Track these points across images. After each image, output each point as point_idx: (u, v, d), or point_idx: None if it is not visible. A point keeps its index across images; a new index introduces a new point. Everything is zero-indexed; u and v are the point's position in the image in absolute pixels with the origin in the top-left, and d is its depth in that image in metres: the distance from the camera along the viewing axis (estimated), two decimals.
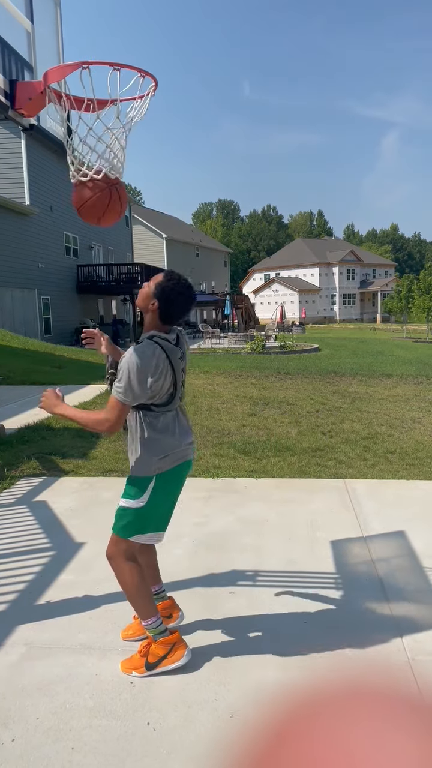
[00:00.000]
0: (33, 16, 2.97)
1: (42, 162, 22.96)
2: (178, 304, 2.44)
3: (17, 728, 2.22)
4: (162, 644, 2.55)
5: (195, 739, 2.16)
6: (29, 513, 4.57)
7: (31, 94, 2.72)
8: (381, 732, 0.61)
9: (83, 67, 2.31)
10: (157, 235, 44.55)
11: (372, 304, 62.79)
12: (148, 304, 2.45)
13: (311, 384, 11.53)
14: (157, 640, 2.56)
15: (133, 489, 2.53)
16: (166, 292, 2.42)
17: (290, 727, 0.61)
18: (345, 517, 4.44)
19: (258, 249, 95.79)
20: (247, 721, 2.21)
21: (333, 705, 0.63)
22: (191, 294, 2.47)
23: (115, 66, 2.29)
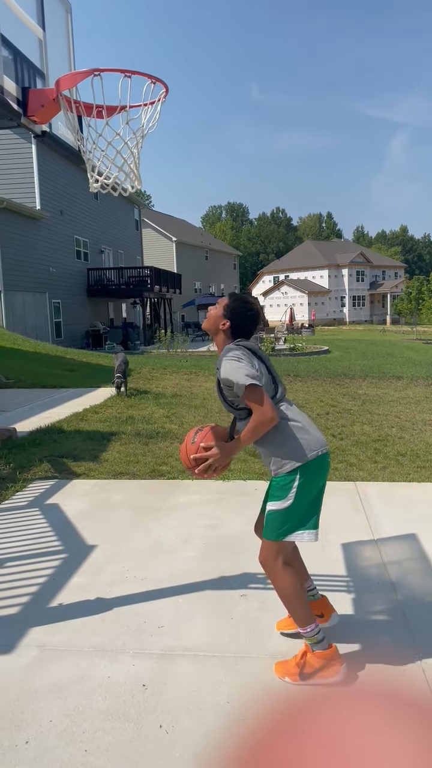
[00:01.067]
0: (45, 24, 3.00)
1: (52, 166, 23.10)
2: (249, 319, 2.61)
3: (31, 730, 2.24)
4: (319, 657, 2.51)
5: (207, 742, 2.16)
6: (41, 515, 4.59)
7: (43, 101, 2.75)
8: (394, 736, 0.61)
9: (95, 74, 2.33)
10: (166, 238, 44.67)
11: (382, 305, 62.57)
12: (218, 324, 2.61)
13: (321, 386, 11.51)
14: (315, 651, 2.52)
15: (277, 490, 2.54)
16: (236, 311, 2.59)
17: (302, 731, 0.61)
18: (356, 519, 4.43)
19: (267, 251, 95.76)
20: (259, 725, 2.21)
21: (345, 709, 0.64)
22: (258, 311, 2.64)
23: (127, 73, 2.31)
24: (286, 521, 2.53)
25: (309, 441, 2.55)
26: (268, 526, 2.57)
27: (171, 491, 5.15)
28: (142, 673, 2.59)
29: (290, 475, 2.51)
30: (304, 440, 2.53)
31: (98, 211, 28.74)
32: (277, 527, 2.54)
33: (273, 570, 2.57)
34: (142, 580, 3.49)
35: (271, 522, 2.56)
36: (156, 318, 32.29)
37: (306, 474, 2.52)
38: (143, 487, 5.31)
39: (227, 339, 2.62)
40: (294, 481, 2.51)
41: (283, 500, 2.52)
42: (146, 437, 7.04)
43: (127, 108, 2.46)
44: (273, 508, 2.55)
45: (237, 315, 2.60)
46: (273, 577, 2.59)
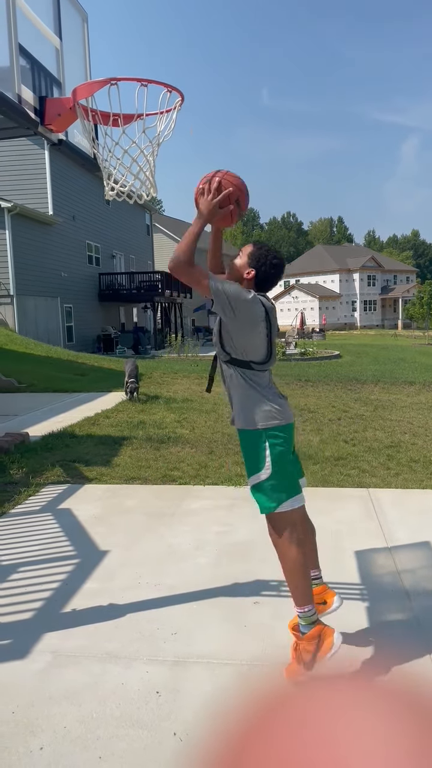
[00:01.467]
0: (62, 34, 3.03)
1: (65, 172, 23.27)
2: (275, 267, 2.56)
3: (45, 736, 2.24)
4: (308, 641, 2.49)
5: (222, 751, 2.15)
6: (54, 520, 4.61)
7: (60, 110, 2.77)
8: (410, 745, 0.61)
9: (111, 83, 2.35)
10: (177, 243, 44.75)
11: (393, 310, 62.32)
12: (243, 273, 2.56)
13: (332, 391, 11.47)
14: (303, 636, 2.50)
15: (251, 460, 2.55)
16: (262, 258, 2.54)
17: (319, 741, 0.61)
18: (369, 526, 4.40)
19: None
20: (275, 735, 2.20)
21: (360, 717, 0.64)
22: (283, 260, 2.62)
23: (143, 82, 2.33)
24: (271, 491, 2.53)
25: (273, 412, 2.55)
26: (258, 500, 2.57)
27: (183, 497, 5.15)
28: (156, 680, 2.59)
29: (258, 440, 2.53)
30: (271, 408, 2.55)
31: (110, 217, 28.89)
32: (267, 499, 2.54)
33: (281, 543, 2.55)
34: (155, 586, 3.49)
35: (259, 496, 2.57)
36: (167, 322, 32.36)
37: (270, 438, 2.53)
38: (155, 492, 5.32)
39: (252, 288, 2.57)
40: (265, 447, 2.52)
41: (260, 471, 2.54)
42: (157, 442, 7.05)
43: (143, 116, 2.48)
44: (255, 481, 2.56)
45: (262, 263, 2.55)
46: (280, 550, 2.57)
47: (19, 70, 2.62)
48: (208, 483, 5.53)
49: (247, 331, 2.51)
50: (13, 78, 2.58)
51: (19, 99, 2.64)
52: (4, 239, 19.66)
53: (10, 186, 21.62)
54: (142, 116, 2.45)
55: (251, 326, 2.50)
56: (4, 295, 19.84)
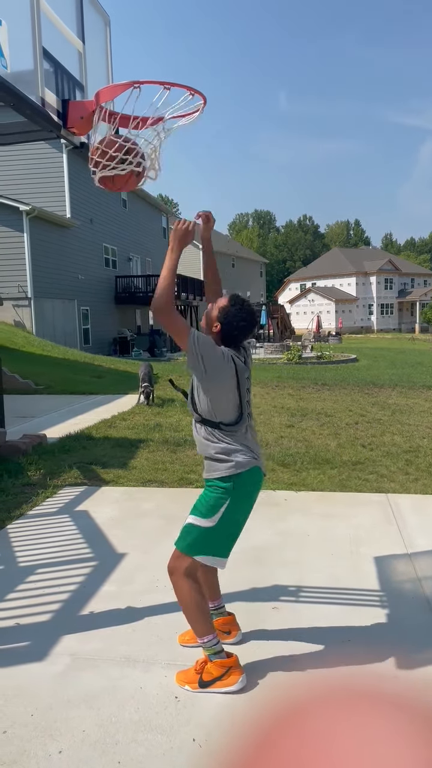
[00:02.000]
0: (84, 37, 3.04)
1: (82, 175, 23.41)
2: (239, 329, 2.52)
3: (64, 740, 2.24)
4: (217, 665, 2.52)
5: (242, 759, 2.13)
6: (71, 522, 4.62)
7: (82, 113, 2.78)
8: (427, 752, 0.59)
9: (134, 87, 2.35)
10: (193, 246, 44.82)
11: (410, 313, 61.84)
12: (211, 326, 2.55)
13: (349, 395, 11.40)
14: (213, 660, 2.53)
15: (205, 507, 2.51)
16: (229, 317, 2.49)
17: (340, 751, 0.59)
18: (388, 532, 4.36)
19: (294, 259, 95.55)
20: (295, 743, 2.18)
21: (380, 725, 0.62)
22: (253, 320, 2.55)
23: (166, 85, 2.32)
24: (204, 541, 2.51)
25: (244, 469, 2.51)
26: (183, 537, 2.55)
27: None
28: (175, 685, 2.57)
29: (222, 496, 2.48)
30: (239, 467, 2.50)
31: (127, 219, 29.03)
32: (193, 543, 2.52)
33: (178, 581, 2.56)
34: (172, 589, 3.46)
35: (186, 534, 2.54)
36: None
37: (233, 499, 2.49)
38: (172, 495, 5.31)
39: (218, 342, 2.53)
40: (224, 504, 2.48)
41: (207, 518, 2.49)
42: (174, 445, 7.05)
43: (165, 119, 2.48)
44: (194, 522, 2.52)
45: (228, 322, 2.50)
46: (175, 585, 2.58)
47: (42, 74, 2.63)
48: None
49: (216, 391, 2.48)
50: (37, 81, 2.59)
51: (42, 102, 2.65)
52: (22, 242, 19.83)
53: (29, 189, 21.81)
54: (164, 119, 2.45)
55: (220, 384, 2.47)
56: (22, 298, 20.00)
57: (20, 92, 2.46)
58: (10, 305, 19.99)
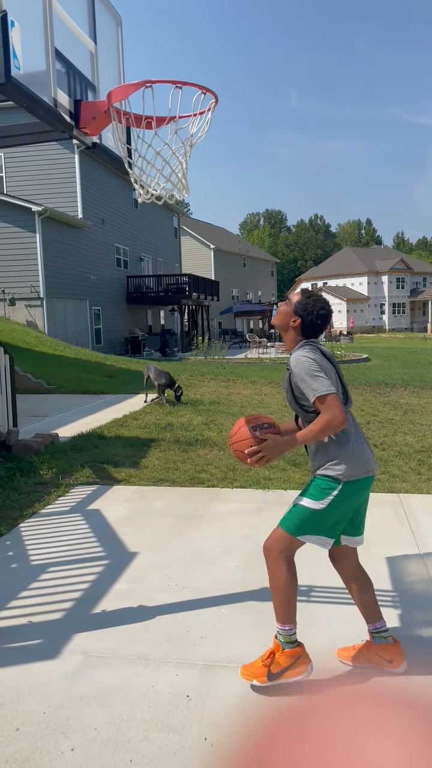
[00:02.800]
0: (96, 38, 3.05)
1: (94, 176, 23.52)
2: (321, 317, 2.58)
3: (76, 738, 2.25)
4: (287, 655, 2.54)
5: (254, 758, 2.13)
6: (83, 521, 4.64)
7: (94, 113, 2.79)
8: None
9: (146, 86, 2.35)
10: (204, 245, 44.89)
11: (423, 313, 61.46)
12: (288, 321, 2.59)
13: (361, 395, 11.35)
14: (285, 649, 2.55)
15: (317, 489, 2.51)
16: (309, 308, 2.56)
17: (352, 750, 0.59)
18: (400, 532, 4.33)
19: (305, 258, 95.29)
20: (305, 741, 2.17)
21: (394, 726, 0.61)
22: (330, 308, 2.63)
23: (178, 84, 2.33)
24: (310, 523, 2.51)
25: (361, 461, 2.54)
26: (290, 517, 2.54)
27: (210, 499, 5.14)
28: (186, 684, 2.57)
29: (333, 483, 2.49)
30: (357, 459, 2.53)
31: (138, 220, 29.10)
32: (298, 523, 2.51)
33: (276, 562, 2.55)
34: (184, 588, 3.48)
35: (294, 515, 2.53)
36: (194, 325, 32.44)
37: (347, 489, 2.51)
38: (183, 494, 5.31)
39: (297, 336, 2.60)
40: (335, 489, 2.49)
41: (317, 501, 2.50)
42: (185, 444, 7.06)
43: (177, 119, 2.48)
44: (304, 504, 2.52)
45: (308, 312, 2.57)
46: (273, 568, 2.57)
47: (55, 74, 2.64)
48: (236, 486, 5.52)
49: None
50: (50, 82, 2.60)
51: (55, 103, 2.66)
52: (34, 242, 19.95)
53: (41, 190, 21.94)
54: (175, 118, 2.46)
55: (329, 373, 2.50)
56: (34, 298, 20.11)
57: (33, 93, 2.48)
58: (23, 305, 20.12)
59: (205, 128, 2.59)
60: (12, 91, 2.36)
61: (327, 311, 2.60)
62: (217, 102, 2.54)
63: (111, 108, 2.58)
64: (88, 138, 3.00)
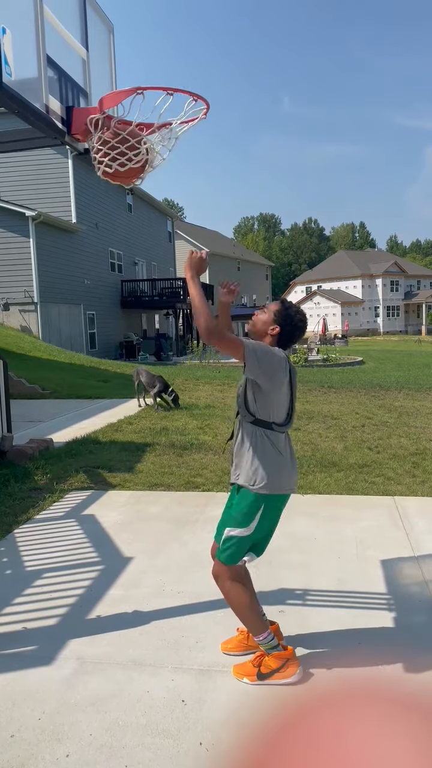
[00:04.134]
0: (88, 44, 3.06)
1: (88, 180, 23.53)
2: (298, 328, 2.65)
3: (71, 744, 2.24)
4: (276, 657, 2.61)
5: (249, 762, 2.13)
6: (78, 526, 4.63)
7: (86, 119, 2.80)
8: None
9: (138, 93, 2.36)
10: (198, 249, 44.92)
11: (417, 315, 61.68)
12: (267, 329, 2.64)
13: (356, 398, 11.38)
14: (270, 653, 2.61)
15: (241, 515, 2.59)
16: (287, 318, 2.62)
17: (341, 753, 0.60)
18: (395, 535, 4.34)
19: (299, 262, 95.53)
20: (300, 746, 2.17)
21: (389, 729, 0.62)
22: (306, 320, 2.70)
23: (169, 91, 2.34)
24: (243, 546, 2.62)
25: (283, 479, 2.61)
26: (226, 551, 2.63)
27: (206, 504, 5.14)
28: (181, 689, 2.57)
29: (256, 503, 2.57)
30: (281, 476, 2.60)
31: (132, 224, 29.12)
32: (235, 553, 2.62)
33: (226, 586, 2.65)
34: (179, 593, 3.48)
35: (229, 546, 2.62)
36: (188, 329, 32.46)
37: (269, 504, 2.60)
38: (178, 499, 5.31)
39: (273, 344, 2.64)
40: (258, 511, 2.58)
41: (244, 528, 2.59)
42: (180, 448, 7.06)
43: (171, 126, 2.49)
44: (234, 534, 2.60)
45: (287, 322, 2.62)
46: (225, 592, 2.67)
47: (47, 81, 2.65)
48: None
49: (274, 391, 2.56)
50: (42, 88, 2.61)
51: (46, 109, 2.67)
52: (28, 247, 19.94)
53: (34, 195, 21.94)
54: (168, 125, 2.47)
55: (279, 385, 2.56)
56: (28, 303, 20.09)
57: (25, 99, 2.48)
58: (17, 310, 20.09)
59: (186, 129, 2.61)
60: (3, 98, 2.37)
61: (305, 323, 2.68)
62: (209, 108, 2.56)
63: (103, 114, 2.59)
64: (80, 144, 3.01)
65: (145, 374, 10.08)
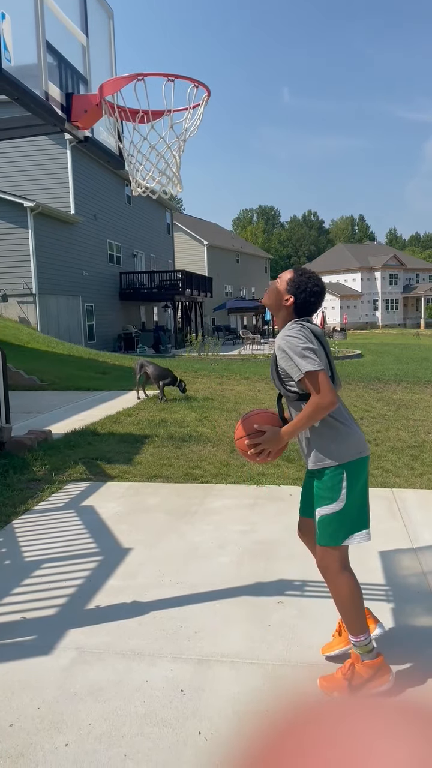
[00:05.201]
0: (88, 31, 3.03)
1: (87, 171, 23.42)
2: (315, 294, 2.47)
3: (70, 733, 2.25)
4: (368, 666, 2.42)
5: (247, 751, 2.13)
6: (77, 517, 4.63)
7: (86, 106, 2.77)
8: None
9: (138, 79, 2.34)
10: (197, 242, 44.83)
11: (416, 309, 61.66)
12: (281, 300, 2.48)
13: (354, 391, 11.38)
14: (364, 660, 2.44)
15: (326, 491, 2.43)
16: (302, 286, 2.45)
17: (348, 745, 0.59)
18: (394, 527, 4.35)
19: (298, 254, 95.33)
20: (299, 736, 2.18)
21: (385, 720, 0.62)
22: (323, 285, 2.52)
23: (170, 77, 2.31)
24: (343, 523, 2.44)
25: (355, 442, 2.47)
26: (324, 532, 2.45)
27: (204, 495, 5.14)
28: (180, 679, 2.58)
29: (336, 474, 2.41)
30: (351, 440, 2.45)
31: (131, 216, 29.01)
32: (335, 531, 2.43)
33: (336, 577, 2.46)
34: (177, 584, 3.48)
35: (326, 527, 2.44)
36: (187, 321, 32.41)
37: (351, 470, 2.44)
38: (177, 490, 5.31)
39: (290, 316, 2.50)
40: (342, 480, 2.41)
41: (335, 502, 2.42)
42: (179, 441, 7.05)
43: (171, 113, 2.47)
44: (326, 512, 2.43)
45: (302, 290, 2.45)
46: (334, 584, 2.47)
47: (46, 67, 2.62)
48: (230, 482, 5.52)
49: (322, 362, 2.41)
50: (41, 75, 2.58)
51: (46, 96, 2.64)
52: (26, 238, 19.86)
53: (33, 185, 21.84)
54: (168, 112, 2.44)
55: (322, 356, 2.43)
56: (26, 294, 20.03)
57: (24, 86, 2.45)
58: (15, 302, 20.03)
59: (197, 122, 2.58)
60: (2, 84, 2.33)
61: (321, 288, 2.49)
62: (210, 95, 2.53)
63: (103, 101, 2.57)
64: (80, 132, 2.98)
65: (153, 367, 10.07)
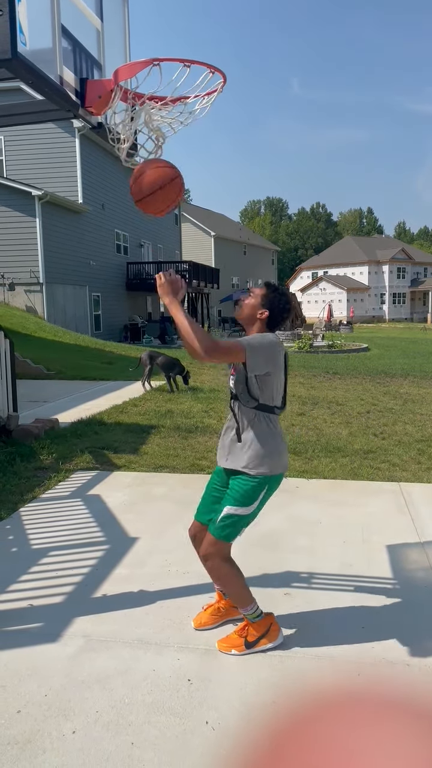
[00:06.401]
0: (102, 15, 2.99)
1: (95, 160, 23.32)
2: (286, 311, 2.68)
3: (78, 720, 2.25)
4: (259, 624, 2.70)
5: (254, 742, 2.14)
6: (84, 506, 4.64)
7: (100, 92, 2.74)
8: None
9: (154, 64, 2.31)
10: (205, 233, 44.68)
11: (423, 303, 61.34)
12: (255, 313, 2.66)
13: (361, 384, 11.34)
14: (254, 621, 2.70)
15: (244, 496, 2.63)
16: (275, 302, 2.65)
17: (354, 736, 0.58)
18: (401, 521, 4.34)
19: (306, 247, 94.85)
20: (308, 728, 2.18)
21: (392, 712, 0.61)
22: (293, 303, 2.73)
23: (186, 62, 2.28)
24: (241, 525, 2.68)
25: (284, 459, 2.73)
26: (224, 527, 2.66)
27: None
28: (187, 668, 2.58)
29: (261, 485, 2.63)
30: (283, 457, 2.72)
31: None
32: (233, 531, 2.66)
33: (219, 565, 2.70)
34: (184, 573, 3.48)
35: (228, 525, 2.66)
36: (193, 312, 32.35)
37: (270, 485, 2.68)
38: (183, 480, 5.31)
39: (263, 329, 2.68)
40: (262, 491, 2.65)
41: (247, 507, 2.64)
42: (185, 431, 7.05)
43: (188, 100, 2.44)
44: (235, 512, 2.64)
45: (275, 305, 2.65)
46: (217, 570, 2.72)
47: (61, 52, 2.59)
48: None
49: (276, 375, 2.62)
50: (56, 59, 2.55)
51: (60, 80, 2.61)
52: (34, 227, 19.82)
53: (41, 174, 21.75)
54: (185, 99, 2.41)
55: (279, 369, 2.63)
56: (33, 283, 20.02)
57: (39, 70, 2.42)
58: (22, 290, 20.03)
59: (207, 107, 2.55)
60: (18, 68, 2.31)
61: (291, 305, 2.71)
62: (225, 82, 2.50)
63: (117, 87, 2.54)
64: (93, 117, 2.94)
65: (162, 357, 10.08)
